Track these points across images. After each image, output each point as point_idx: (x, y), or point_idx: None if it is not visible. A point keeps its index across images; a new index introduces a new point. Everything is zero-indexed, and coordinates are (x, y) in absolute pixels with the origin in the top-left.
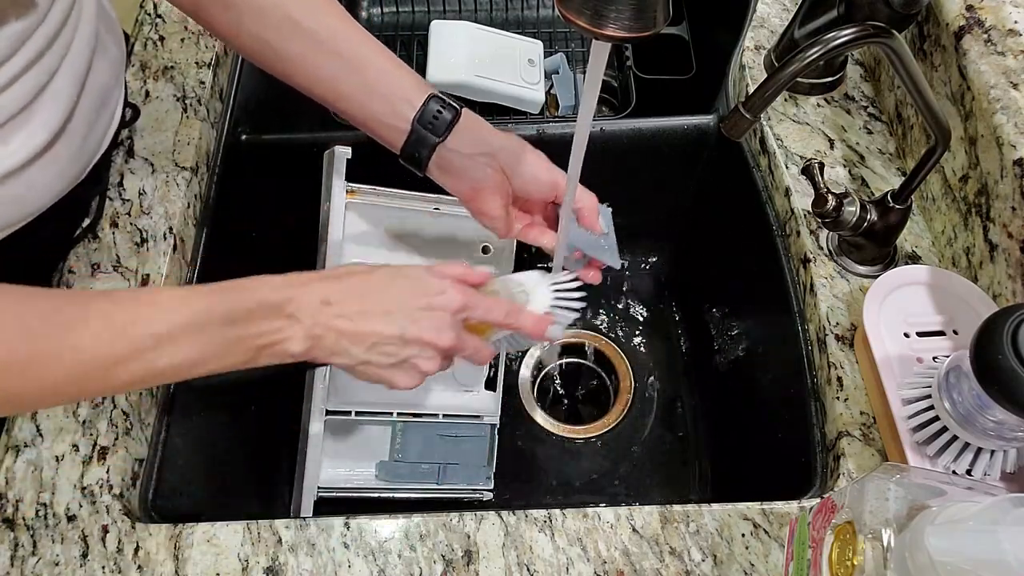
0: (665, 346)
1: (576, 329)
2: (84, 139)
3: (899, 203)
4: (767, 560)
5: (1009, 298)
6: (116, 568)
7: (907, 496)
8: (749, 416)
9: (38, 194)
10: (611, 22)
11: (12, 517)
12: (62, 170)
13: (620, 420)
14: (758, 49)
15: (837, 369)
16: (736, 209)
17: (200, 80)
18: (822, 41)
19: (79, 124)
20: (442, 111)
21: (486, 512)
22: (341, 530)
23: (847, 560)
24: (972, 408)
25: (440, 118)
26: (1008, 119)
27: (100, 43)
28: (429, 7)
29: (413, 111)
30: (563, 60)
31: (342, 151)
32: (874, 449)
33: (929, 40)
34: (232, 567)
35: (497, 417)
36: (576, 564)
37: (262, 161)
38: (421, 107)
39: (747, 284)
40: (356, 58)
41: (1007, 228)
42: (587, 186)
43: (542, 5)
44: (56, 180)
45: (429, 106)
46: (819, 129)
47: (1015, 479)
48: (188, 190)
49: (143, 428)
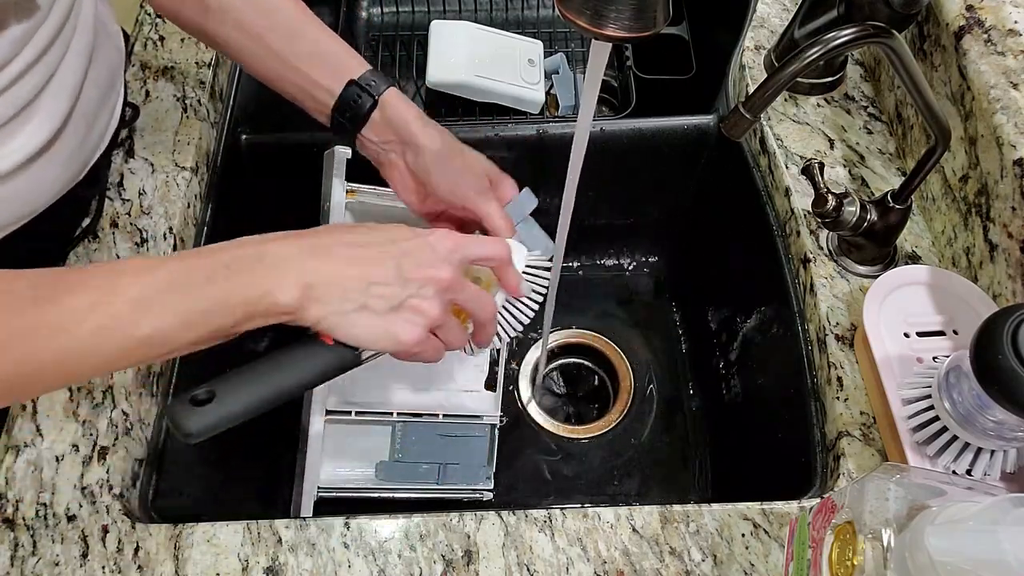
0: (665, 346)
1: (576, 329)
2: (84, 138)
3: (899, 203)
4: (767, 560)
5: (1009, 298)
6: (116, 568)
7: (907, 496)
8: (749, 416)
9: (39, 192)
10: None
11: (12, 517)
12: (62, 168)
13: (620, 420)
14: (758, 49)
15: (837, 369)
16: (736, 209)
17: (200, 80)
18: (822, 41)
19: (79, 122)
20: (359, 99)
21: (486, 512)
22: (341, 530)
23: (847, 560)
24: (972, 408)
25: (357, 105)
26: (1008, 119)
27: (99, 42)
28: (429, 7)
29: (332, 99)
30: (563, 60)
31: (342, 151)
32: (874, 449)
33: (929, 40)
34: (232, 567)
35: (497, 417)
36: (576, 564)
37: (262, 161)
38: (340, 94)
39: (747, 284)
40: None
41: (1007, 228)
42: (587, 186)
43: (542, 5)
44: (57, 178)
45: (347, 94)
46: (819, 129)
47: (1015, 479)
48: (188, 190)
49: (143, 428)
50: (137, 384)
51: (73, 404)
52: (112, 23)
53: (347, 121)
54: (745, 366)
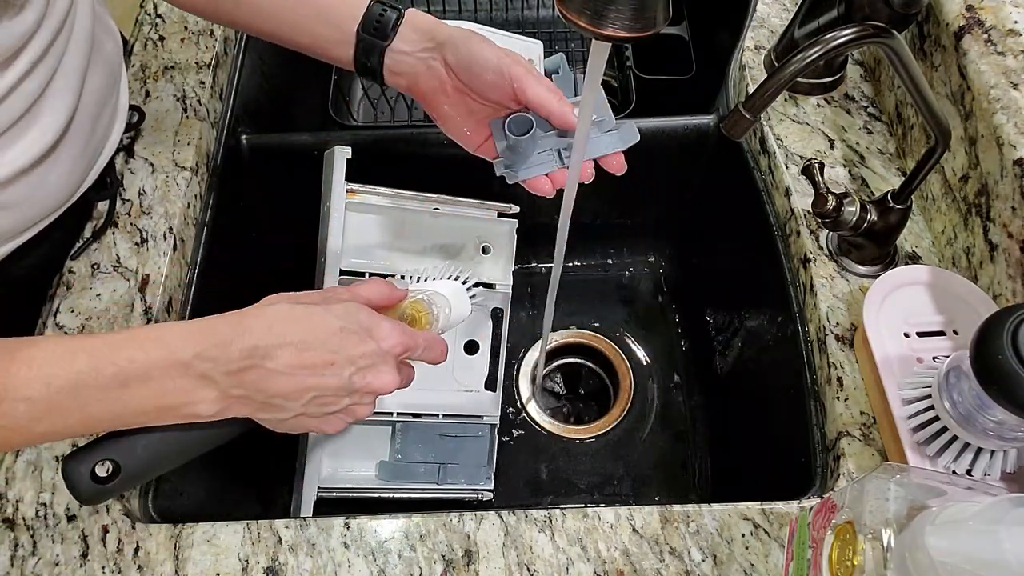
0: (665, 346)
1: (576, 329)
2: (88, 138)
3: (899, 203)
4: (767, 560)
5: (1009, 298)
6: (116, 568)
7: (907, 496)
8: (749, 416)
9: (46, 195)
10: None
11: (12, 517)
12: (69, 171)
13: (620, 420)
14: (758, 49)
15: (837, 369)
16: (736, 209)
17: (200, 80)
18: (822, 41)
19: (83, 122)
20: (385, 12)
21: (486, 512)
22: (341, 530)
23: (847, 560)
24: (972, 408)
25: (383, 19)
26: (1008, 119)
27: (96, 43)
28: (429, 7)
29: (356, 22)
30: (563, 60)
31: (342, 151)
32: (874, 449)
33: (929, 40)
34: (232, 567)
35: (497, 417)
36: (576, 564)
37: (262, 161)
38: (364, 14)
39: (747, 284)
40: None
41: (1007, 228)
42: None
43: (542, 5)
44: (64, 182)
45: (371, 10)
46: (819, 129)
47: (1015, 479)
48: (188, 190)
49: None
50: None
51: None
52: (108, 23)
53: (375, 36)
54: (745, 366)
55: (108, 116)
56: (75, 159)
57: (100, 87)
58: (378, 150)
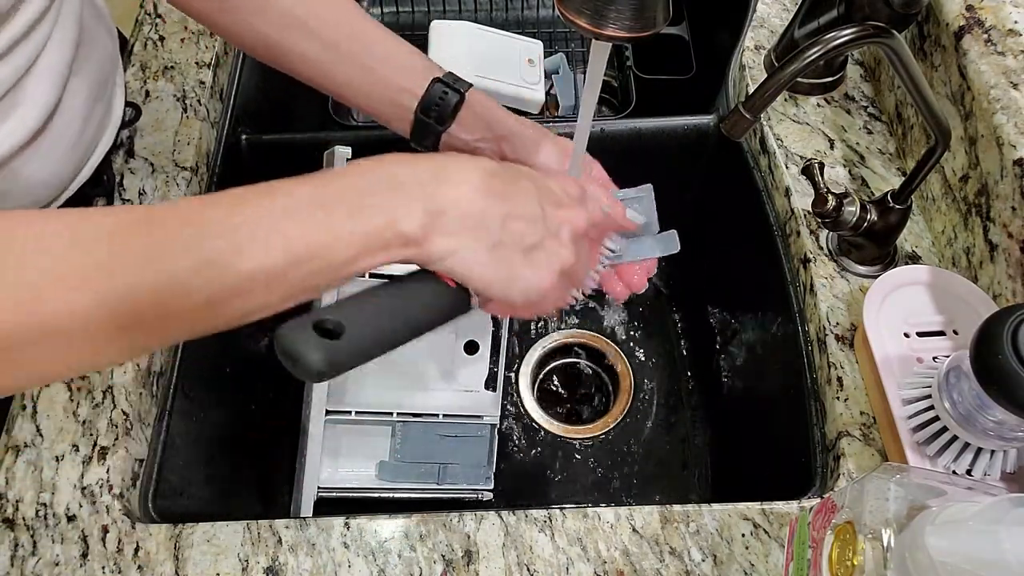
0: (665, 346)
1: (576, 329)
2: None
3: (899, 203)
4: (767, 560)
5: (1009, 298)
6: (116, 568)
7: (907, 496)
8: (749, 416)
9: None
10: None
11: (12, 517)
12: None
13: (620, 420)
14: (758, 49)
15: (837, 369)
16: (736, 209)
17: (200, 80)
18: (822, 41)
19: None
20: (446, 95)
21: (486, 512)
22: (341, 530)
23: (847, 560)
24: (972, 408)
25: (444, 103)
26: (1008, 119)
27: (87, 33)
28: (429, 7)
29: (415, 100)
30: (563, 60)
31: (342, 151)
32: (874, 449)
33: (929, 40)
34: (232, 567)
35: (497, 417)
36: (576, 564)
37: (262, 161)
38: (424, 95)
39: (747, 284)
40: (356, 48)
41: (1007, 228)
42: None
43: (542, 5)
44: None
45: (432, 92)
46: (819, 129)
47: (1015, 479)
48: (188, 190)
49: (143, 428)
50: (137, 384)
51: (73, 404)
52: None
53: (433, 120)
54: (745, 366)
55: (102, 111)
56: (65, 152)
57: (91, 82)
58: (378, 150)
